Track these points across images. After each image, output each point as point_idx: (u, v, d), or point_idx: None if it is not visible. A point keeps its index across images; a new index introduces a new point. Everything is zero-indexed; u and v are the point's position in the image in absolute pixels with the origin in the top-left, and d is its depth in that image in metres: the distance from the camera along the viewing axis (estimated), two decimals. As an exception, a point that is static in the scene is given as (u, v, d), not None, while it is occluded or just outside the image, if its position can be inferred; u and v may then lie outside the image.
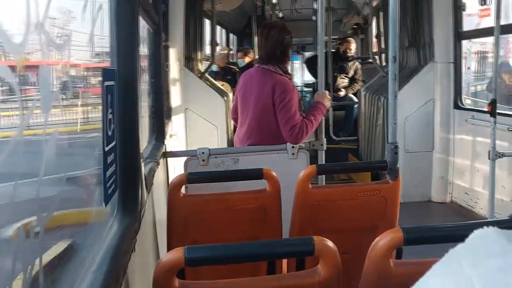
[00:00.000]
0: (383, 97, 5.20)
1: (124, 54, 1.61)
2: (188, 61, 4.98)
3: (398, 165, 2.26)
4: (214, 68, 6.54)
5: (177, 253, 1.19)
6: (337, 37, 8.48)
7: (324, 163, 3.17)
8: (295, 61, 14.27)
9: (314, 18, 8.14)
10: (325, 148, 3.15)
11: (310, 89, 7.59)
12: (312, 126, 3.01)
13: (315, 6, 8.09)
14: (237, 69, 6.99)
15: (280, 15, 8.35)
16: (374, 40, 7.18)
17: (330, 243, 1.29)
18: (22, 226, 0.87)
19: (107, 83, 1.40)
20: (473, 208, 4.60)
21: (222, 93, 5.16)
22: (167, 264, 1.19)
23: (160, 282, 1.19)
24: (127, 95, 1.59)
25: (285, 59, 3.15)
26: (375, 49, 7.58)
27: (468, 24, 4.93)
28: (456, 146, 4.82)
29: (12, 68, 0.76)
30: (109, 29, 1.60)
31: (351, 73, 6.90)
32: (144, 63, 2.98)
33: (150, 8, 2.64)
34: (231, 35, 9.33)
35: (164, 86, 3.53)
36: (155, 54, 3.18)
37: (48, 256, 0.98)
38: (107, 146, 1.39)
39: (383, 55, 6.65)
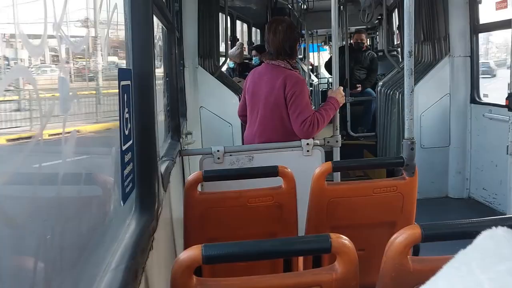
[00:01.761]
0: (398, 92, 5.15)
1: (140, 53, 1.62)
2: (203, 58, 4.99)
3: (414, 161, 2.23)
4: (231, 64, 6.53)
5: (195, 251, 1.20)
6: (362, 27, 8.33)
7: (339, 159, 3.16)
8: (321, 52, 14.17)
9: (341, 8, 8.08)
10: (340, 145, 3.13)
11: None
12: (323, 120, 2.98)
13: None
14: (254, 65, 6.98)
15: (304, 6, 8.28)
16: (397, 32, 7.05)
17: (347, 240, 1.28)
18: (43, 224, 0.88)
19: (123, 82, 1.42)
20: (491, 204, 4.54)
21: (237, 91, 5.16)
22: (184, 262, 1.20)
23: (178, 279, 1.20)
24: (143, 94, 1.61)
25: (293, 54, 3.14)
26: (397, 41, 7.43)
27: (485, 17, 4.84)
28: (473, 141, 4.75)
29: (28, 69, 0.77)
30: (125, 29, 1.61)
31: (366, 63, 6.82)
32: (159, 62, 3.00)
33: (164, 7, 2.66)
34: (253, 29, 9.28)
35: (179, 85, 3.55)
36: (170, 53, 3.20)
37: (68, 254, 1.00)
38: (124, 145, 1.40)
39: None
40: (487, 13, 4.69)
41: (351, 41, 6.73)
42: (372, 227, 2.22)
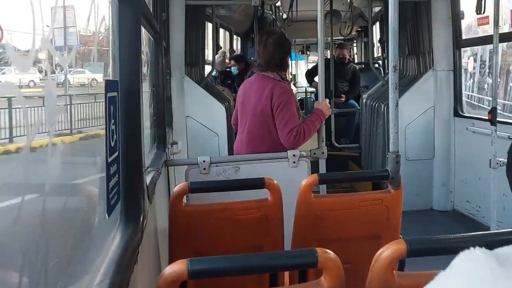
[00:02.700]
0: (383, 104, 5.21)
1: (127, 64, 1.61)
2: (190, 67, 4.99)
3: (399, 174, 2.25)
4: (213, 72, 6.55)
5: (180, 266, 1.19)
6: (341, 38, 8.45)
7: (325, 171, 3.17)
8: (299, 61, 14.29)
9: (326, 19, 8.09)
10: (326, 157, 3.15)
11: (315, 90, 7.60)
12: (309, 131, 3.01)
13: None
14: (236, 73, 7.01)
15: (284, 16, 8.36)
16: (377, 44, 7.17)
17: (333, 255, 1.28)
18: (26, 237, 0.87)
19: (109, 94, 1.40)
20: (474, 216, 4.59)
21: (222, 100, 5.17)
22: (169, 277, 1.19)
23: (163, 294, 1.18)
24: (130, 106, 1.59)
25: (284, 66, 3.18)
26: (377, 54, 7.51)
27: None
28: (457, 154, 4.82)
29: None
30: (111, 40, 1.60)
31: (348, 76, 6.90)
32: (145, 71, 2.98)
33: (151, 18, 2.65)
34: (234, 37, 9.34)
35: (165, 94, 3.54)
36: (156, 63, 3.19)
37: (52, 269, 0.98)
38: (110, 156, 1.39)
39: (386, 61, 6.68)
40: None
41: (335, 55, 6.81)
42: (358, 240, 2.23)
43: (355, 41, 11.24)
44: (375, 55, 9.06)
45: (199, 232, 2.07)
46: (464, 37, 4.84)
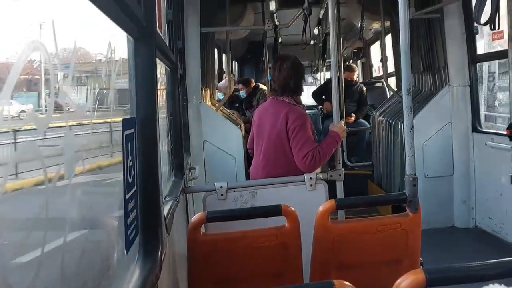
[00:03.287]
0: (400, 122, 5.18)
1: (143, 100, 1.66)
2: (203, 92, 5.08)
3: (417, 197, 2.24)
4: (221, 96, 6.63)
5: (199, 301, 1.20)
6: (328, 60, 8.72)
7: (342, 193, 3.16)
8: None
9: (312, 42, 8.22)
10: (343, 179, 3.14)
11: (314, 110, 7.73)
12: (325, 154, 3.02)
13: (316, 31, 8.27)
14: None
15: (279, 40, 8.53)
16: (379, 64, 7.26)
17: (351, 286, 1.28)
18: (48, 277, 0.89)
19: (126, 132, 1.45)
20: (498, 233, 4.49)
21: (236, 123, 5.24)
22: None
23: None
24: (146, 140, 1.63)
25: (298, 90, 3.22)
26: (377, 73, 7.55)
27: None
28: (476, 170, 4.74)
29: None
30: (128, 78, 1.65)
31: (356, 96, 6.91)
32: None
33: (167, 49, 2.72)
34: (233, 62, 9.54)
35: (182, 121, 3.60)
36: (173, 91, 3.26)
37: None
38: (127, 193, 1.42)
39: (389, 79, 6.73)
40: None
41: (344, 76, 6.89)
42: (378, 264, 2.21)
43: (350, 61, 11.40)
44: (375, 75, 9.18)
45: (218, 261, 2.08)
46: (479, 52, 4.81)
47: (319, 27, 8.13)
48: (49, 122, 0.78)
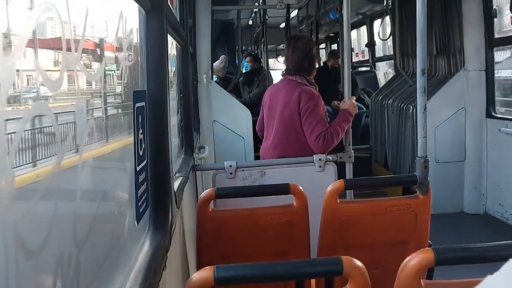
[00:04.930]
0: (412, 106, 5.13)
1: (154, 74, 1.65)
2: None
3: (428, 179, 2.22)
4: (215, 78, 6.60)
5: (207, 272, 1.21)
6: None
7: (351, 174, 3.15)
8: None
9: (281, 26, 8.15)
10: (352, 160, 3.13)
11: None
12: (338, 134, 3.01)
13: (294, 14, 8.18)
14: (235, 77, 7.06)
15: (250, 22, 8.45)
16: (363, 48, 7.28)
17: (358, 263, 1.28)
18: (60, 245, 0.90)
19: (137, 104, 1.44)
20: (507, 220, 4.46)
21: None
22: (197, 283, 1.21)
23: (190, 301, 1.21)
24: (157, 115, 1.63)
25: (311, 70, 3.19)
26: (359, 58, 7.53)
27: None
28: (489, 156, 4.69)
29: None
30: (139, 51, 1.64)
31: None
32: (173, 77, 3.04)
33: (178, 25, 2.70)
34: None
35: (192, 100, 3.59)
36: (184, 69, 3.24)
37: (84, 275, 1.02)
38: (138, 165, 1.43)
39: (378, 64, 6.70)
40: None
41: (329, 64, 6.84)
42: (385, 246, 2.21)
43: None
44: (356, 60, 9.14)
45: (226, 237, 2.10)
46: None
47: (300, 10, 8.09)
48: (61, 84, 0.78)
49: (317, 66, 3.45)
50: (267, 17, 7.01)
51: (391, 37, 6.09)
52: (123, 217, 1.37)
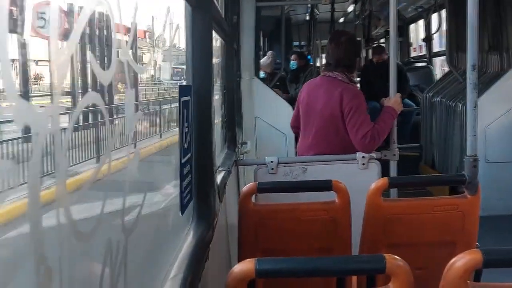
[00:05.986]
0: (461, 104, 4.94)
1: (199, 69, 1.69)
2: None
3: (477, 179, 2.14)
4: (262, 74, 6.58)
5: (248, 265, 1.23)
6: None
7: (396, 173, 3.08)
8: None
9: (341, 20, 7.94)
10: (397, 159, 3.06)
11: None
12: (383, 132, 2.94)
13: (350, 9, 7.97)
14: (284, 74, 6.99)
15: (307, 17, 8.32)
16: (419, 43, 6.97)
17: (402, 262, 1.26)
18: (110, 234, 0.94)
19: (183, 98, 1.48)
20: None
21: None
22: (238, 275, 1.23)
23: (232, 291, 1.23)
24: (202, 109, 1.67)
25: (352, 67, 3.13)
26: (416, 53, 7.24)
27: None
28: (545, 157, 4.45)
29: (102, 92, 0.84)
30: (185, 47, 1.68)
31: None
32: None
33: (222, 21, 2.73)
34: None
35: (236, 96, 3.63)
36: (227, 65, 3.28)
37: (132, 262, 1.06)
38: (183, 158, 1.46)
39: (435, 59, 6.42)
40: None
41: (374, 60, 6.61)
42: (431, 246, 2.15)
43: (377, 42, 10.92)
44: (414, 54, 8.79)
45: (267, 231, 2.11)
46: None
47: (356, 4, 7.90)
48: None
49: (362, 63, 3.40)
50: (317, 12, 6.93)
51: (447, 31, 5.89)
52: (169, 208, 1.41)
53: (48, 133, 0.63)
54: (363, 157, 2.94)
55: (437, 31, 5.81)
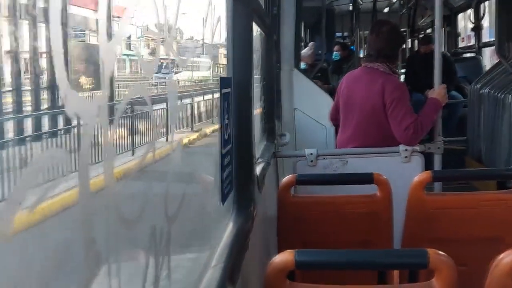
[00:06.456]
0: (510, 96, 4.71)
1: (239, 61, 1.70)
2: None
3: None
4: (303, 65, 6.50)
5: (288, 256, 1.24)
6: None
7: (440, 166, 2.99)
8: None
9: (385, 10, 7.67)
10: (442, 152, 2.97)
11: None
12: (427, 125, 2.86)
13: None
14: (326, 65, 6.88)
15: (350, 8, 8.10)
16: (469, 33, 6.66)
17: (446, 257, 1.23)
18: (155, 222, 0.98)
19: (224, 90, 1.49)
20: None
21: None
22: (278, 266, 1.24)
23: (272, 282, 1.24)
24: (242, 101, 1.68)
25: (394, 58, 3.05)
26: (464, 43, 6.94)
27: None
28: None
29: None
30: (226, 39, 1.69)
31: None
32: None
33: (263, 13, 2.73)
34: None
35: (275, 88, 3.63)
36: (267, 56, 3.28)
37: (174, 246, 1.09)
38: (224, 149, 1.48)
39: (484, 50, 6.11)
40: None
41: (422, 50, 6.36)
42: (476, 241, 2.08)
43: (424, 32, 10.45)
44: (463, 45, 8.42)
45: (307, 223, 2.11)
46: None
47: None
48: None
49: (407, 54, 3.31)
50: (360, 2, 6.79)
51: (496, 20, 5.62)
52: (210, 197, 1.43)
53: (96, 123, 0.66)
54: (405, 149, 2.87)
55: (481, 20, 5.56)
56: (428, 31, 9.77)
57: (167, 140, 1.00)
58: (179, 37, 1.19)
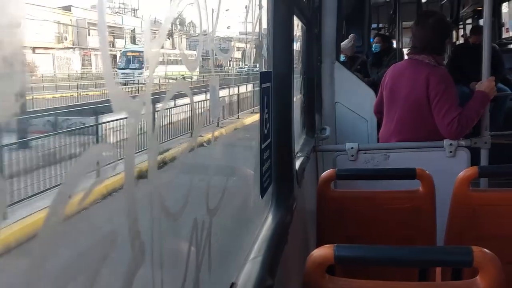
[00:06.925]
0: None
1: (280, 55, 1.70)
2: None
3: None
4: (342, 58, 6.38)
5: (327, 250, 1.24)
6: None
7: (487, 162, 2.89)
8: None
9: (424, 0, 7.34)
10: (489, 147, 2.86)
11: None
12: (472, 119, 2.75)
13: None
14: (365, 58, 6.71)
15: None
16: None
17: (491, 255, 1.19)
18: (196, 214, 1.00)
19: (264, 85, 1.50)
20: None
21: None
22: (317, 260, 1.24)
23: (311, 275, 1.25)
24: (281, 95, 1.68)
25: (441, 50, 2.94)
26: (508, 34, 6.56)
27: None
28: None
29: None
30: (267, 33, 1.70)
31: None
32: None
33: (304, 6, 2.71)
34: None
35: (316, 81, 3.60)
36: (308, 50, 3.26)
37: (215, 238, 1.11)
38: (263, 143, 1.49)
39: None
40: None
41: (471, 41, 6.06)
42: (524, 240, 1.99)
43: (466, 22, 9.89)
44: (507, 36, 7.95)
45: (347, 218, 2.09)
46: None
47: None
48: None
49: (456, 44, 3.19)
50: None
51: None
52: (249, 191, 1.45)
53: (142, 118, 0.68)
54: (450, 144, 2.79)
55: None
56: (468, 22, 9.37)
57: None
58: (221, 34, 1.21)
